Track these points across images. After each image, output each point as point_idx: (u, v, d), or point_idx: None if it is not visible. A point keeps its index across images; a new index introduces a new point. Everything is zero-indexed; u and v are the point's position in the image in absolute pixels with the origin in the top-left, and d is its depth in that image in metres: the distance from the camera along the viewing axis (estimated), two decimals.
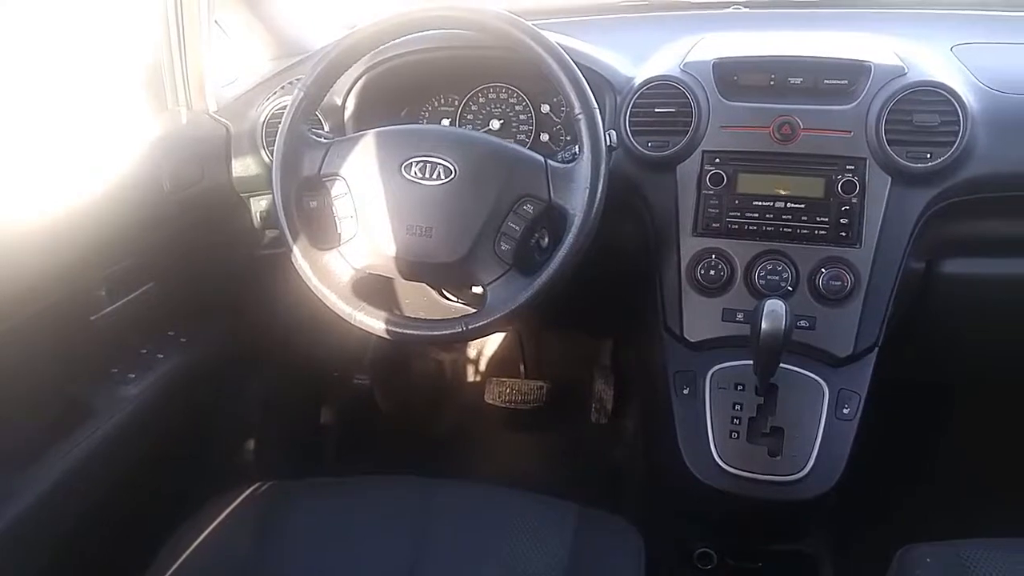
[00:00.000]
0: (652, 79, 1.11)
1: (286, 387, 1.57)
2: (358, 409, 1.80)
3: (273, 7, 1.38)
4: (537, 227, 0.98)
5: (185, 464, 1.25)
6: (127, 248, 1.11)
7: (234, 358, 1.38)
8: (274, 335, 1.47)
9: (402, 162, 0.99)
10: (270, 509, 1.01)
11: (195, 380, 1.26)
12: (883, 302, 1.06)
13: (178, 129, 1.21)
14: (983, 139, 1.03)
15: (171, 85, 1.19)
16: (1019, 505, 1.22)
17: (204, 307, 1.31)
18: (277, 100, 1.24)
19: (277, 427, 1.55)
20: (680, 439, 1.07)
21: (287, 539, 0.97)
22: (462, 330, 0.97)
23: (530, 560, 0.92)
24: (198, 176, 1.21)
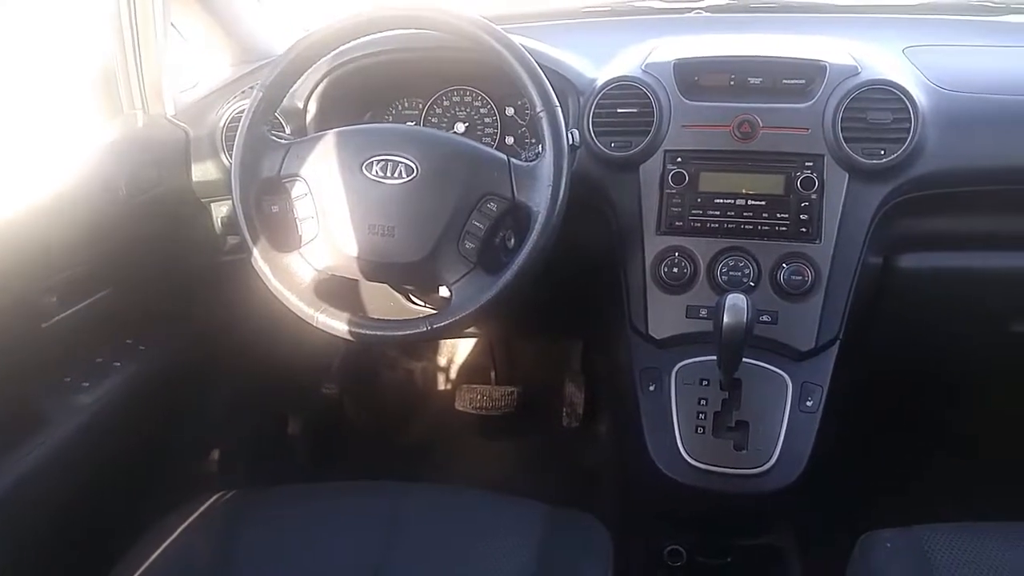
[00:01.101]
0: (614, 80, 1.12)
1: (252, 396, 1.55)
2: (327, 419, 1.78)
3: (234, 12, 1.37)
4: (501, 226, 0.98)
5: (145, 474, 1.22)
6: (80, 254, 1.09)
7: (196, 367, 1.35)
8: (238, 344, 1.45)
9: (363, 161, 0.98)
10: (232, 518, 1.00)
11: (155, 389, 1.23)
12: (843, 296, 1.08)
13: (134, 133, 1.19)
14: (933, 136, 1.06)
15: (126, 88, 1.17)
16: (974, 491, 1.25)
17: (164, 314, 1.28)
18: (238, 104, 1.23)
19: (243, 437, 1.53)
20: (647, 435, 1.08)
21: (249, 548, 0.95)
22: (426, 329, 0.96)
23: (498, 560, 0.91)
24: (156, 181, 1.19)
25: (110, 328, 1.19)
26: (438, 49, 1.19)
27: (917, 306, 1.19)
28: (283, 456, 1.66)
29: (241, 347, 1.45)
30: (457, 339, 1.92)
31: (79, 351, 1.14)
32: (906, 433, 1.58)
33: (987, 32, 1.35)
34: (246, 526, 0.98)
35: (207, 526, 0.98)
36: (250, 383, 1.53)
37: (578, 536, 0.96)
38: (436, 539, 0.95)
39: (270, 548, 0.95)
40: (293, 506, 1.02)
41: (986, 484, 1.46)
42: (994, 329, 1.21)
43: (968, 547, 0.87)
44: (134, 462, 1.20)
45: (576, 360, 1.88)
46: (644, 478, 1.09)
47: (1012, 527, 0.90)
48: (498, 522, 0.97)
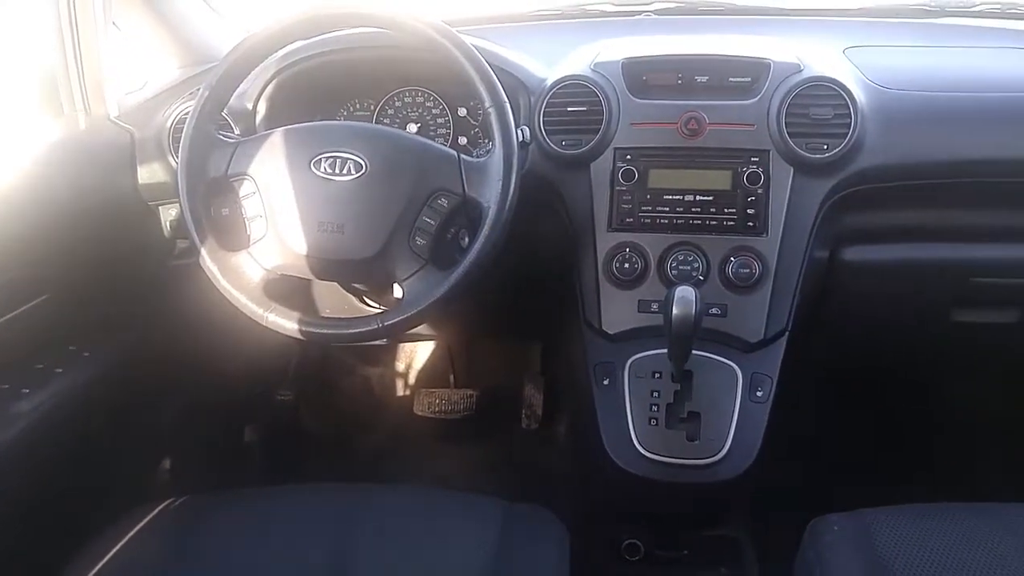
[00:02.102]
0: (563, 79, 1.13)
1: (204, 404, 1.52)
2: (282, 426, 1.75)
3: (182, 14, 1.35)
4: (453, 222, 0.98)
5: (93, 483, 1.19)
6: (18, 258, 1.06)
7: (146, 374, 1.32)
8: (190, 350, 1.42)
9: (311, 158, 0.97)
10: (183, 523, 0.98)
11: (101, 396, 1.20)
12: (790, 289, 1.10)
13: (76, 135, 1.17)
14: (873, 132, 1.09)
15: (67, 89, 1.14)
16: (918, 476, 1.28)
17: (111, 320, 1.25)
18: (185, 104, 1.21)
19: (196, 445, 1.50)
20: (602, 428, 1.08)
21: (200, 553, 0.93)
22: (378, 327, 0.95)
23: (455, 556, 0.91)
24: (99, 183, 1.16)
25: (52, 335, 1.16)
26: (388, 49, 1.19)
27: (863, 298, 1.22)
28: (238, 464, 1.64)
29: (192, 353, 1.43)
30: (415, 343, 1.91)
31: (17, 357, 1.11)
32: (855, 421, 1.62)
33: (923, 33, 1.40)
34: (197, 531, 0.96)
35: (156, 532, 0.95)
36: (203, 390, 1.50)
37: (535, 530, 0.96)
38: (393, 538, 0.94)
39: (221, 553, 0.93)
40: (245, 510, 1.00)
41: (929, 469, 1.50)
42: (937, 319, 1.24)
43: (911, 528, 0.90)
44: (80, 470, 1.17)
45: (535, 362, 1.89)
46: (599, 471, 1.09)
47: (951, 507, 0.93)
48: (455, 519, 0.96)
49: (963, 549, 0.87)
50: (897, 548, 0.87)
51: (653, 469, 1.05)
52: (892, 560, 0.86)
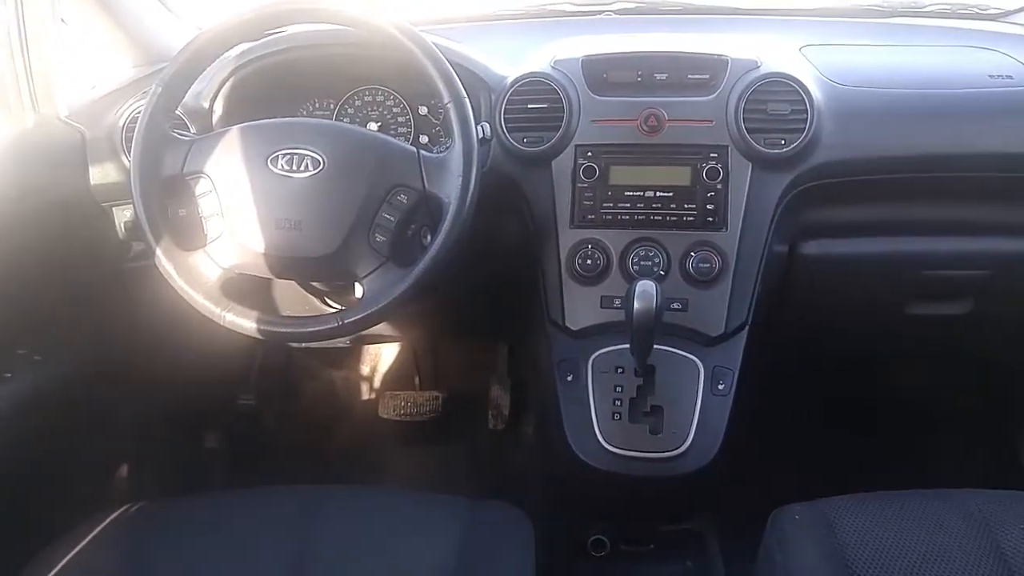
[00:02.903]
0: (524, 76, 1.13)
1: (163, 409, 1.49)
2: (245, 431, 1.73)
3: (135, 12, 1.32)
4: (413, 218, 0.98)
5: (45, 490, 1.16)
6: None
7: (100, 378, 1.29)
8: (147, 354, 1.39)
9: (268, 155, 0.96)
10: (139, 529, 0.96)
11: (53, 400, 1.17)
12: (750, 283, 1.11)
13: (24, 134, 1.14)
14: (828, 128, 1.10)
15: (14, 86, 1.11)
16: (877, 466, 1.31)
17: (64, 324, 1.22)
18: (138, 103, 1.18)
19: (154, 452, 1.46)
20: (566, 424, 1.09)
21: (156, 558, 0.91)
22: (338, 325, 0.94)
23: (420, 553, 0.90)
24: (48, 184, 1.13)
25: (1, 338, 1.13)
26: (347, 47, 1.18)
27: (822, 291, 1.24)
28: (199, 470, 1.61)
29: (150, 357, 1.40)
30: (379, 345, 1.90)
31: None
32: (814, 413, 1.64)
33: (876, 33, 1.42)
34: (153, 536, 0.94)
35: (111, 538, 0.93)
36: (161, 395, 1.47)
37: (500, 527, 0.96)
38: (355, 538, 0.93)
39: (178, 557, 0.91)
40: (203, 514, 0.98)
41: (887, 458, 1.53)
42: (893, 312, 1.27)
43: (869, 515, 0.92)
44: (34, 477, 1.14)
45: (501, 363, 1.88)
46: (564, 467, 1.09)
47: (908, 494, 0.95)
48: (419, 517, 0.96)
49: (920, 534, 0.89)
50: (856, 535, 0.89)
51: (617, 463, 1.06)
52: (852, 546, 0.88)
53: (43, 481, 1.17)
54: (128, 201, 1.22)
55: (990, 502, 0.93)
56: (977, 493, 0.95)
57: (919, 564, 0.85)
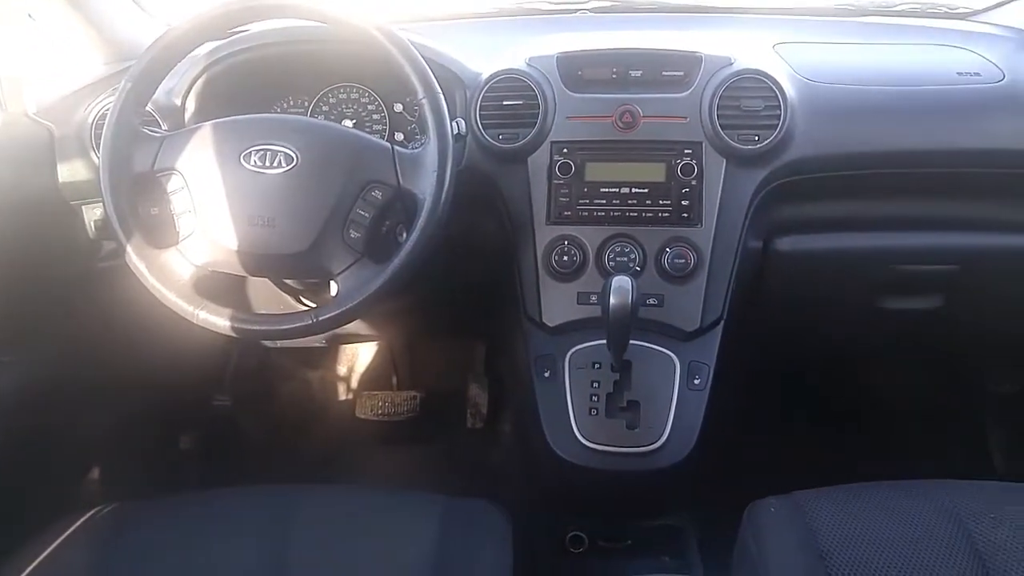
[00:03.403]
0: (499, 73, 1.13)
1: (136, 411, 1.47)
2: (220, 433, 1.71)
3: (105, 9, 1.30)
4: (388, 215, 0.97)
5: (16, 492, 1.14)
6: None
7: (72, 379, 1.27)
8: (119, 355, 1.37)
9: (241, 151, 0.95)
10: (111, 532, 0.94)
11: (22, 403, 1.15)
12: (725, 278, 1.12)
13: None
14: (802, 124, 1.12)
15: None
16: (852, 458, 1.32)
17: (33, 325, 1.20)
18: (107, 100, 1.17)
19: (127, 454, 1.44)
20: (543, 420, 1.09)
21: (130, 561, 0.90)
22: (312, 322, 0.94)
23: (397, 551, 0.90)
24: (17, 182, 1.11)
25: None
26: (321, 43, 1.18)
27: (796, 286, 1.25)
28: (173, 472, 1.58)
29: (122, 358, 1.38)
30: (356, 345, 1.89)
31: None
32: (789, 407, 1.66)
33: (848, 31, 1.44)
34: (127, 538, 0.92)
35: (83, 541, 0.91)
36: (134, 396, 1.45)
37: (477, 523, 0.95)
38: (332, 537, 0.92)
39: (153, 560, 0.90)
40: (177, 516, 0.97)
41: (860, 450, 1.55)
42: (865, 306, 1.28)
43: (843, 507, 0.92)
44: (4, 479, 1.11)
45: (479, 362, 1.88)
46: (542, 463, 1.10)
47: (881, 486, 0.95)
48: (396, 516, 0.95)
49: (893, 525, 0.89)
50: (831, 526, 0.90)
51: (594, 458, 1.06)
52: (827, 538, 0.88)
53: (13, 483, 1.14)
54: (98, 199, 1.19)
55: (961, 492, 0.94)
56: (948, 484, 0.96)
57: (892, 554, 0.86)
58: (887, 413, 1.69)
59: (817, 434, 1.64)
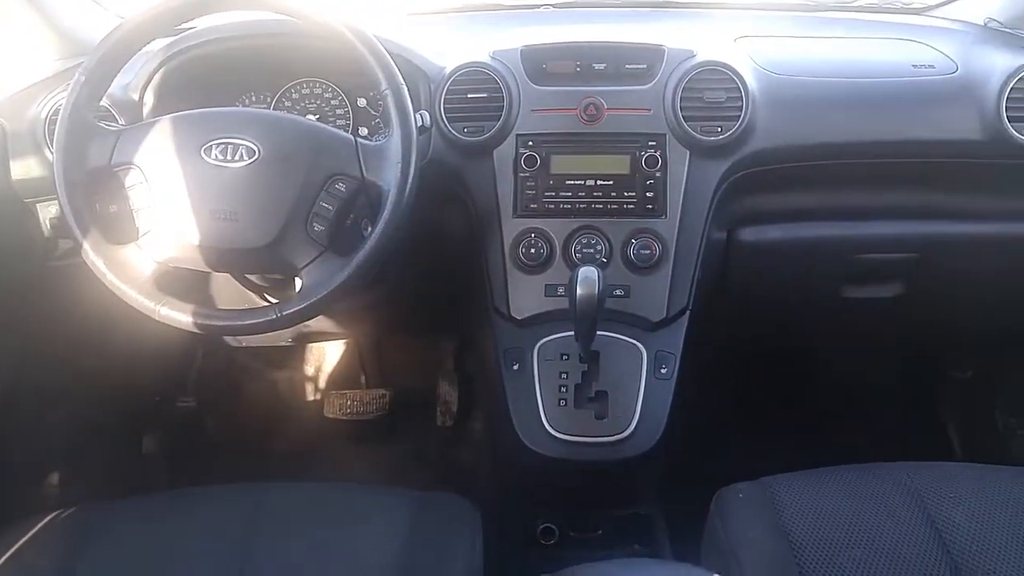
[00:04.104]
0: (463, 66, 1.13)
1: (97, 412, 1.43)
2: (186, 435, 1.68)
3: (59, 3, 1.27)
4: (352, 207, 0.96)
5: None
6: None
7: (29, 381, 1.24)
8: (78, 355, 1.34)
9: (202, 145, 0.94)
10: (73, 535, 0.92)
11: None
12: (690, 269, 1.13)
13: None
14: (763, 115, 1.13)
15: None
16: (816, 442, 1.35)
17: None
18: (61, 95, 1.14)
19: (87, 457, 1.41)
20: (512, 412, 1.09)
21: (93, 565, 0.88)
22: (276, 316, 0.92)
23: (368, 547, 0.89)
24: None
25: None
26: (281, 36, 1.17)
27: (760, 275, 1.27)
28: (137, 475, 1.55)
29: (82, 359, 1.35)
30: (323, 343, 1.87)
31: None
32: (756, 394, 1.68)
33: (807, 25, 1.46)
34: (87, 541, 0.90)
35: (40, 545, 0.90)
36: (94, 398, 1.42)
37: (447, 516, 0.95)
38: (301, 533, 0.92)
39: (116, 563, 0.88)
40: (140, 517, 0.95)
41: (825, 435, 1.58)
42: (829, 295, 1.30)
43: (810, 490, 0.95)
44: None
45: (449, 359, 1.88)
46: (512, 455, 1.10)
47: (845, 469, 0.98)
48: (365, 510, 0.95)
49: (858, 505, 0.92)
50: (798, 509, 0.91)
51: (564, 449, 1.06)
52: (793, 520, 0.90)
53: None
54: (53, 197, 1.17)
55: (921, 473, 0.96)
56: (909, 465, 0.99)
57: (857, 533, 0.88)
58: (850, 400, 1.73)
59: (783, 421, 1.66)
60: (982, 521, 0.88)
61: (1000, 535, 0.87)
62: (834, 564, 0.85)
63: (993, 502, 0.91)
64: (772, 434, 1.61)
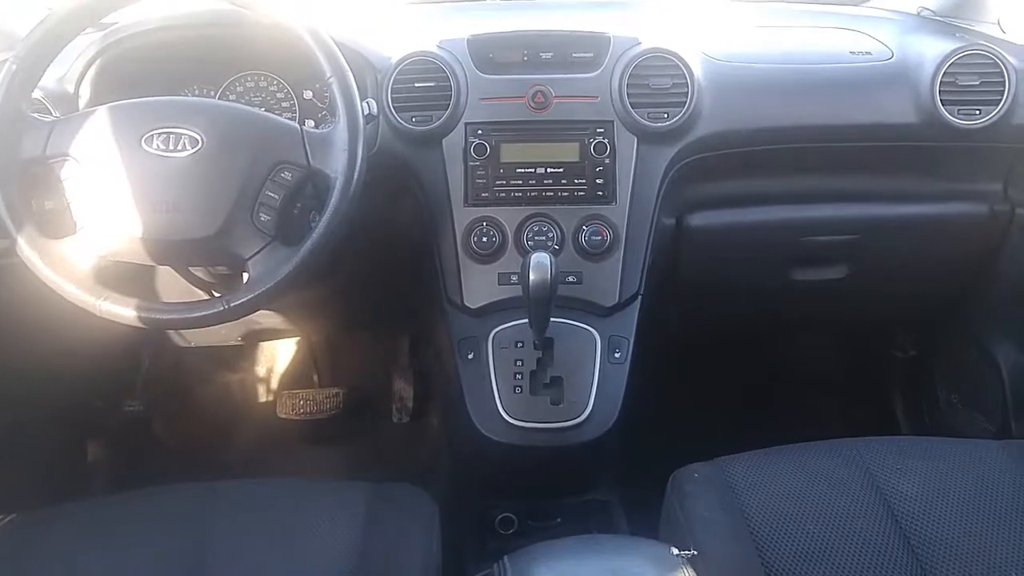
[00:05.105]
0: (409, 55, 1.13)
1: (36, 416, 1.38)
2: (132, 441, 1.63)
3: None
4: (299, 196, 0.95)
5: None
6: None
7: None
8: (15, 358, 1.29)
9: (142, 135, 0.91)
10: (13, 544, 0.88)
11: None
12: (641, 254, 1.15)
13: None
14: (708, 101, 1.15)
15: None
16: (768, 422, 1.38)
17: None
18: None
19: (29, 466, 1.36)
20: (468, 401, 1.09)
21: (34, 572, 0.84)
22: (223, 308, 0.90)
23: (323, 540, 0.88)
24: None
25: None
26: (222, 27, 1.14)
27: (710, 260, 1.29)
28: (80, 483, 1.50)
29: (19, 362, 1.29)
30: (275, 342, 1.84)
31: None
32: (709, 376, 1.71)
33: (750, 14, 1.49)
34: (25, 552, 0.87)
35: None
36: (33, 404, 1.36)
37: (403, 507, 0.94)
38: (255, 530, 0.90)
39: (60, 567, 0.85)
40: (83, 523, 0.92)
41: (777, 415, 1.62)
42: (779, 278, 1.33)
43: (764, 469, 0.96)
44: None
45: (403, 354, 1.86)
46: (469, 445, 1.09)
47: (797, 447, 1.00)
48: (320, 504, 0.93)
49: (810, 482, 0.94)
50: (752, 487, 0.93)
51: (520, 436, 1.07)
52: (748, 498, 0.92)
53: None
54: None
55: (869, 448, 0.99)
56: (858, 441, 1.01)
57: (809, 508, 0.90)
58: (802, 381, 1.77)
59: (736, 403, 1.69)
60: (928, 491, 0.91)
61: (945, 503, 0.90)
62: (789, 538, 0.87)
63: (938, 472, 0.94)
64: (726, 415, 1.64)
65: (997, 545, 0.84)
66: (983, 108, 1.14)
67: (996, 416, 1.40)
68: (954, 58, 1.14)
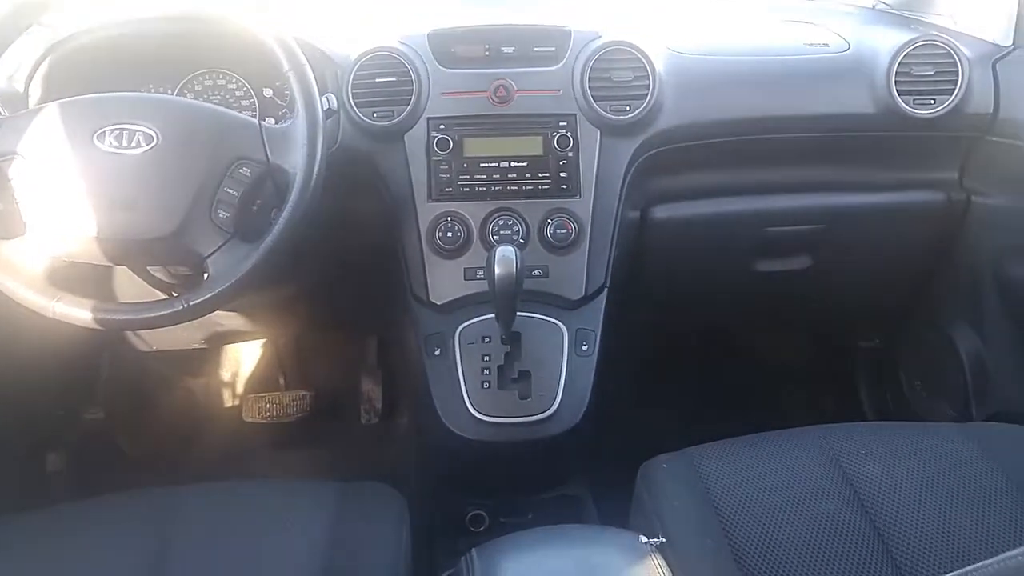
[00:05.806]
0: (370, 51, 1.12)
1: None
2: (93, 450, 1.59)
3: None
4: (258, 192, 0.93)
5: None
6: None
7: None
8: None
9: (95, 132, 0.89)
10: None
11: None
12: (606, 247, 1.15)
13: None
14: (670, 94, 1.15)
15: None
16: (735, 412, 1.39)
17: None
18: None
19: None
20: (435, 398, 1.08)
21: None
22: (183, 307, 0.88)
23: (290, 540, 0.86)
24: None
25: None
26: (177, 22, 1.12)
27: (676, 252, 1.30)
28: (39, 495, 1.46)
29: None
30: (240, 345, 1.81)
31: None
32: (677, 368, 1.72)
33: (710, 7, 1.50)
34: None
35: None
36: None
37: (372, 505, 0.93)
38: (220, 532, 0.88)
39: None
40: (41, 532, 0.89)
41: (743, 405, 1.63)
42: (743, 270, 1.34)
43: (732, 458, 0.97)
44: None
45: (371, 354, 1.84)
46: (438, 442, 1.08)
47: (763, 436, 1.01)
48: (287, 505, 0.91)
49: (778, 469, 0.94)
50: (721, 477, 0.93)
51: (488, 431, 1.06)
52: (717, 487, 0.92)
53: None
54: None
55: (834, 435, 1.00)
56: (823, 428, 1.02)
57: (777, 495, 0.91)
58: (768, 371, 1.79)
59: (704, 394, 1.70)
60: (891, 472, 0.92)
61: (907, 484, 0.91)
62: (758, 526, 0.87)
63: (900, 454, 0.96)
64: (694, 407, 1.65)
65: (958, 523, 0.86)
66: (937, 97, 1.17)
67: (957, 401, 1.42)
68: (908, 49, 1.16)
